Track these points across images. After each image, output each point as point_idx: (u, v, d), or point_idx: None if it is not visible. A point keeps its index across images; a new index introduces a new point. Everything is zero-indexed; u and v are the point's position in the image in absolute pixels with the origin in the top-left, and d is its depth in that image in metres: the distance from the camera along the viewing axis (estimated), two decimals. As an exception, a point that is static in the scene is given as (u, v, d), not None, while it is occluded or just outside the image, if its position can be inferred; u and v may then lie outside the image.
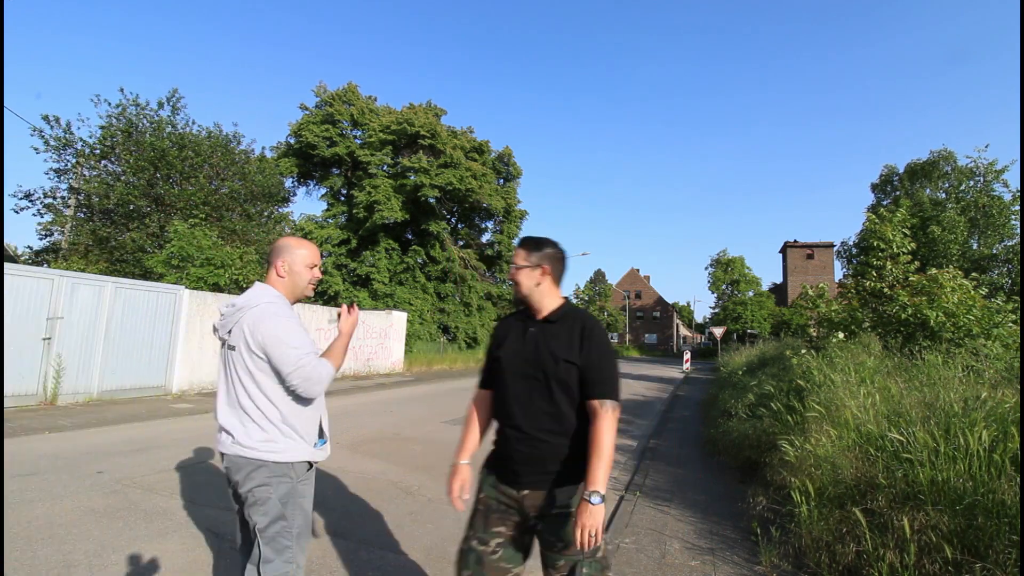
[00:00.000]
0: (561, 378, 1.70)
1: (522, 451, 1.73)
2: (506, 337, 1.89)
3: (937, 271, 7.20)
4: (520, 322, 1.88)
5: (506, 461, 1.79)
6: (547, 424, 1.71)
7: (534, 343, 1.78)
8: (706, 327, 68.05)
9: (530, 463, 1.72)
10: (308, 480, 2.00)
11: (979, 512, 2.62)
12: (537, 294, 1.83)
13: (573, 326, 1.77)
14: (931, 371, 4.98)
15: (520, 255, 1.86)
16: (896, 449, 3.34)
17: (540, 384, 1.72)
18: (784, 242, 53.53)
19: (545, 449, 1.71)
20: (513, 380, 1.78)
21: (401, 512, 4.01)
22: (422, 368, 18.76)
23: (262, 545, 1.82)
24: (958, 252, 18.75)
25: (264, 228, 15.85)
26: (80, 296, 8.22)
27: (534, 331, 1.81)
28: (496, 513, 1.78)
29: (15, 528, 3.27)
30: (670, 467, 5.99)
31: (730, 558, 3.40)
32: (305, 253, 2.03)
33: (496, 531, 1.76)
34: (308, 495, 2.00)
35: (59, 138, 13.39)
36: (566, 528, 1.65)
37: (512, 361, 1.80)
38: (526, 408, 1.74)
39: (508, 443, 1.78)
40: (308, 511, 1.99)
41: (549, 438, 1.71)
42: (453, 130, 27.38)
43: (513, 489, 1.75)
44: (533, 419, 1.72)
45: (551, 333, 1.78)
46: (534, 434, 1.71)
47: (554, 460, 1.70)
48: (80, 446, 5.47)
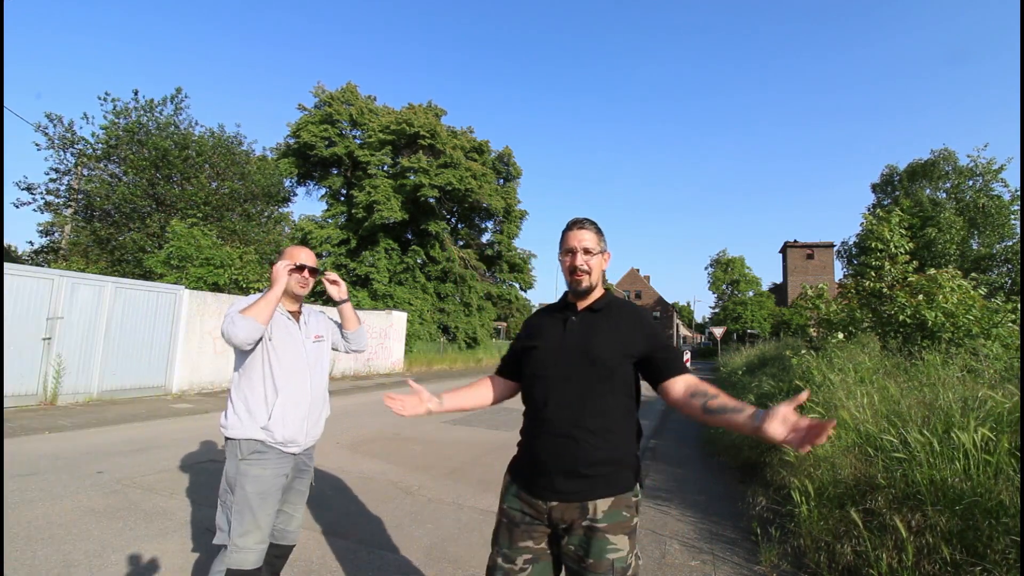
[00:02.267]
0: (611, 371, 1.55)
1: (557, 453, 1.53)
2: (541, 328, 1.71)
3: (936, 271, 7.20)
4: (556, 314, 1.72)
5: (535, 467, 1.58)
6: (588, 422, 1.53)
7: (579, 334, 1.60)
8: (706, 327, 68.04)
9: (565, 467, 1.52)
10: (258, 461, 2.01)
11: (978, 512, 2.62)
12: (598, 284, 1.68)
13: (621, 315, 1.63)
14: (930, 371, 4.98)
15: (591, 239, 1.66)
16: (895, 449, 3.34)
17: (585, 378, 1.55)
18: (784, 242, 53.52)
19: (583, 451, 1.52)
20: (552, 373, 1.59)
21: (401, 512, 4.01)
22: (422, 368, 18.76)
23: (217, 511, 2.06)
24: (956, 252, 18.76)
25: (264, 228, 15.86)
26: (80, 296, 8.22)
27: (576, 321, 1.64)
28: (521, 527, 1.59)
29: (15, 528, 3.27)
30: (670, 467, 5.99)
31: (730, 558, 3.40)
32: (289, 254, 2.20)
33: (523, 546, 1.58)
34: (260, 477, 1.99)
35: (62, 137, 13.40)
36: (594, 544, 1.48)
37: (552, 353, 1.62)
38: (566, 404, 1.55)
39: (539, 445, 1.58)
40: (257, 494, 1.97)
41: (589, 438, 1.52)
42: (453, 130, 27.39)
43: (540, 500, 1.56)
44: (573, 416, 1.53)
45: (597, 323, 1.62)
46: (572, 432, 1.52)
47: (591, 464, 1.52)
48: (80, 446, 5.47)
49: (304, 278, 2.21)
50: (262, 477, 2.00)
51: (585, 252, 1.64)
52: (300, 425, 2.11)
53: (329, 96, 25.88)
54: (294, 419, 2.09)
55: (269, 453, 2.04)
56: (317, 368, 2.24)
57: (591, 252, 1.65)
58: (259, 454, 2.02)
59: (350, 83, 26.69)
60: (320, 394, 2.25)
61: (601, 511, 1.51)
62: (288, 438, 2.06)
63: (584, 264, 1.63)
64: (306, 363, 2.18)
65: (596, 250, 1.66)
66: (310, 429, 2.18)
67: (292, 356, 2.14)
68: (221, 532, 2.03)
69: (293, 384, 2.11)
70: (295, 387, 2.12)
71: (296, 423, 2.09)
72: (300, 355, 2.18)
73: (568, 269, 1.66)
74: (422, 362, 19.18)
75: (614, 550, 1.49)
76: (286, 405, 2.07)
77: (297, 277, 2.19)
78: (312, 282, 2.26)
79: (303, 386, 2.15)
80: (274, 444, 2.04)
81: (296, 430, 2.09)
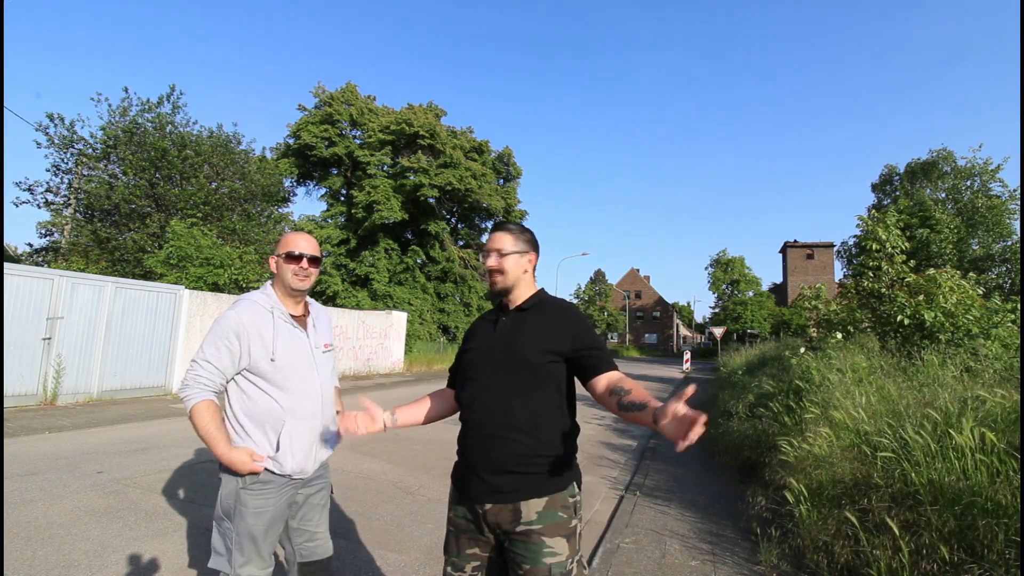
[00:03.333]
0: (536, 369, 1.54)
1: (483, 453, 1.53)
2: (476, 332, 1.74)
3: (936, 271, 7.21)
4: (492, 316, 1.73)
5: (466, 468, 1.58)
6: (514, 420, 1.51)
7: (506, 333, 1.62)
8: (706, 327, 68.07)
9: (491, 467, 1.51)
10: (260, 492, 1.76)
11: (977, 512, 2.62)
12: (521, 284, 1.67)
13: (551, 314, 1.63)
14: (929, 371, 4.99)
15: (506, 240, 1.67)
16: (894, 448, 3.35)
17: (511, 376, 1.55)
18: (784, 242, 53.56)
19: (510, 450, 1.50)
20: (480, 374, 1.60)
21: (401, 512, 4.01)
22: (422, 368, 18.76)
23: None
24: (954, 252, 18.77)
25: (264, 228, 15.85)
26: (80, 296, 8.22)
27: (506, 321, 1.65)
28: (466, 534, 1.59)
29: (15, 528, 3.27)
30: (670, 467, 6.00)
31: (730, 558, 3.40)
32: (283, 244, 1.87)
33: (470, 553, 1.58)
34: (261, 510, 1.76)
35: (63, 136, 13.40)
36: (530, 548, 1.46)
37: (481, 354, 1.64)
38: (492, 403, 1.55)
39: (469, 446, 1.58)
40: (259, 526, 1.75)
41: (515, 436, 1.50)
42: (453, 130, 27.39)
43: (475, 503, 1.54)
44: (499, 415, 1.52)
45: (524, 321, 1.63)
46: (498, 432, 1.51)
47: (519, 464, 1.50)
48: (80, 446, 5.47)
49: (302, 268, 1.84)
50: (263, 510, 1.76)
51: (499, 253, 1.65)
52: (310, 451, 1.83)
53: (329, 96, 25.88)
54: (304, 445, 1.81)
55: (273, 482, 1.78)
56: (327, 382, 1.93)
57: (504, 253, 1.65)
58: (262, 484, 1.76)
59: (350, 83, 26.70)
60: (330, 412, 1.93)
61: (535, 512, 1.48)
62: (297, 468, 1.81)
63: (497, 264, 1.64)
64: (317, 379, 1.86)
65: (510, 250, 1.65)
66: (319, 451, 1.90)
67: (302, 373, 1.83)
68: (218, 556, 1.80)
69: (303, 407, 1.82)
70: (305, 410, 1.82)
71: (305, 450, 1.82)
72: (310, 370, 1.85)
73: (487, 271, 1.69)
74: (422, 362, 19.18)
75: (551, 554, 1.46)
76: (294, 432, 1.80)
77: (294, 268, 1.83)
78: (315, 273, 1.89)
79: (314, 407, 1.84)
80: (280, 473, 1.79)
81: (304, 457, 1.82)
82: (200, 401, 1.73)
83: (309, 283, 1.87)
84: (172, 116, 14.42)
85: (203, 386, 1.75)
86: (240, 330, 1.75)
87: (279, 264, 1.86)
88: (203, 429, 1.73)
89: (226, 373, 1.77)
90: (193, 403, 1.74)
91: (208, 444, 1.74)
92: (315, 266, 1.88)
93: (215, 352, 1.74)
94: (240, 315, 1.77)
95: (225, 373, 1.77)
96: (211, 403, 1.76)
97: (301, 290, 1.87)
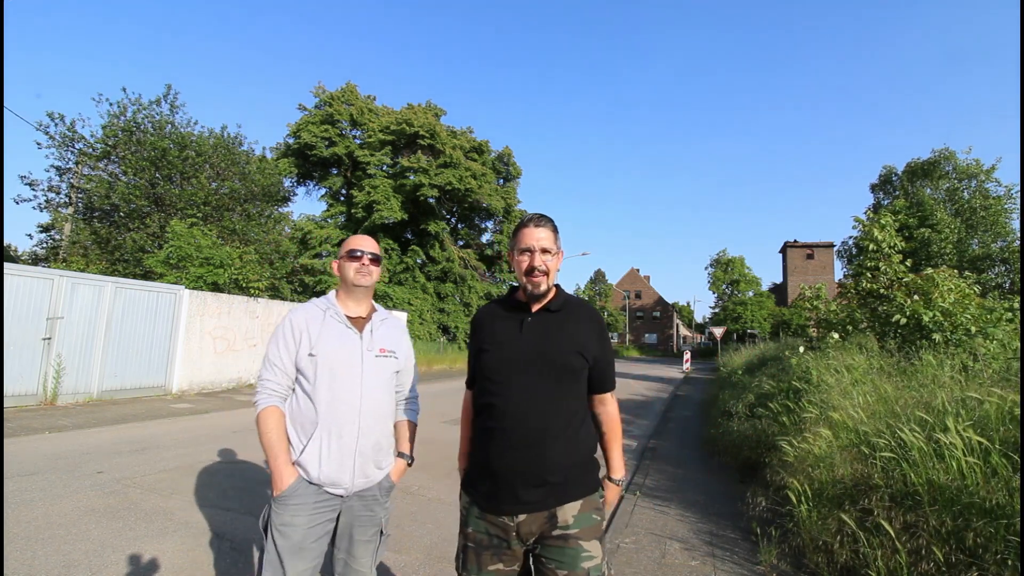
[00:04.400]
0: (570, 373, 1.50)
1: (520, 462, 1.45)
2: (494, 329, 1.60)
3: (934, 271, 7.21)
4: (509, 312, 1.62)
5: (496, 478, 1.48)
6: (551, 429, 1.46)
7: (537, 337, 1.52)
8: (706, 327, 68.07)
9: (529, 477, 1.44)
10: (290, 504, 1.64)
11: (975, 513, 2.62)
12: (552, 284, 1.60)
13: (580, 317, 1.57)
14: (927, 371, 4.99)
15: (550, 238, 1.56)
16: (892, 449, 3.35)
17: (547, 383, 1.48)
18: (784, 242, 53.55)
19: (548, 457, 1.45)
20: (508, 379, 1.50)
21: (401, 512, 4.01)
22: (422, 368, 18.76)
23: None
24: (953, 252, 18.79)
25: (264, 228, 15.85)
26: (80, 296, 8.22)
27: (532, 322, 1.55)
28: (489, 550, 1.50)
29: (15, 528, 3.27)
30: (670, 467, 6.00)
31: (730, 558, 3.40)
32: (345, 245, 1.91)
33: (493, 569, 1.50)
34: (289, 527, 1.63)
35: (63, 135, 13.40)
36: (568, 553, 1.43)
37: (507, 357, 1.53)
38: (528, 412, 1.46)
39: (500, 457, 1.47)
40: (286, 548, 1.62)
41: (554, 445, 1.45)
42: (453, 130, 27.39)
43: (505, 517, 1.47)
44: (536, 424, 1.45)
45: (556, 324, 1.55)
46: (537, 441, 1.45)
47: (556, 470, 1.45)
48: (80, 446, 5.47)
49: (363, 265, 1.84)
50: (292, 527, 1.63)
51: (543, 252, 1.53)
52: (343, 461, 1.69)
53: (329, 96, 25.89)
54: (336, 454, 1.68)
55: (305, 495, 1.66)
56: (376, 390, 1.79)
57: (549, 252, 1.54)
58: (290, 496, 1.65)
59: (350, 83, 26.72)
60: (376, 424, 1.78)
61: (571, 516, 1.46)
62: (327, 479, 1.67)
63: (543, 265, 1.52)
64: (360, 384, 1.75)
65: (554, 250, 1.56)
66: (363, 467, 1.73)
67: (343, 374, 1.73)
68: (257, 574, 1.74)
69: (338, 410, 1.70)
70: (341, 414, 1.70)
71: (337, 459, 1.68)
72: (354, 373, 1.75)
73: (525, 270, 1.54)
74: (422, 362, 19.18)
75: (588, 557, 1.44)
76: (325, 437, 1.68)
77: (355, 265, 1.83)
78: (375, 271, 1.89)
79: (350, 413, 1.71)
80: (309, 481, 1.68)
81: (338, 468, 1.68)
82: (264, 408, 1.72)
83: (370, 280, 1.87)
84: (171, 116, 14.43)
85: (270, 392, 1.74)
86: (294, 327, 1.77)
87: (342, 265, 1.87)
88: (263, 437, 1.70)
89: (290, 373, 1.76)
90: (258, 410, 1.73)
91: (266, 452, 1.70)
92: (376, 264, 1.89)
93: (276, 352, 1.76)
94: (294, 314, 1.81)
95: (289, 373, 1.76)
96: (274, 410, 1.72)
97: (362, 285, 1.86)
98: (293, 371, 1.76)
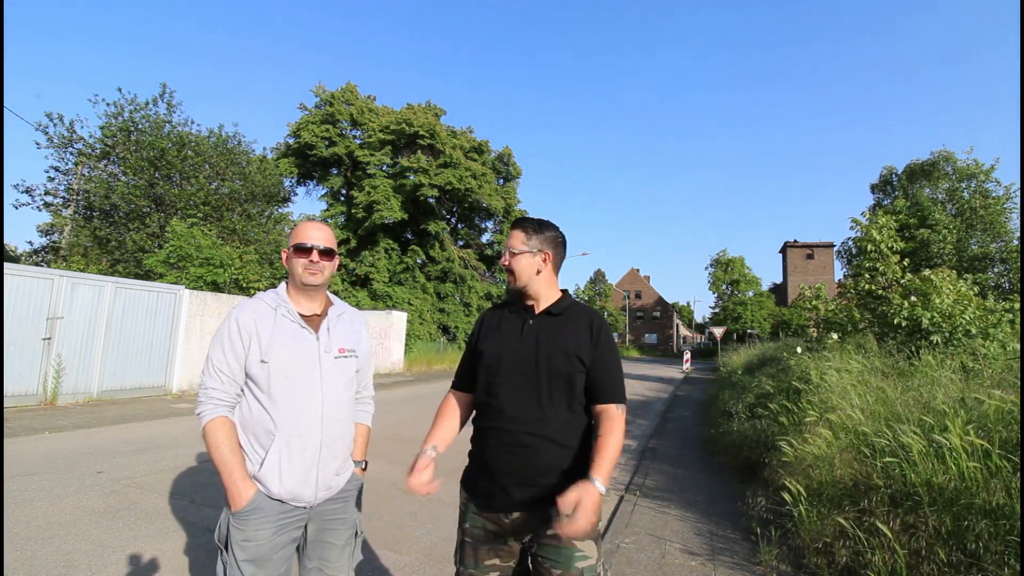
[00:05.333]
0: (566, 378, 1.51)
1: (513, 462, 1.49)
2: (497, 330, 1.64)
3: (932, 271, 7.22)
4: (513, 314, 1.65)
5: (492, 477, 1.52)
6: (545, 430, 1.48)
7: (535, 338, 1.56)
8: (706, 327, 68.08)
9: (522, 477, 1.48)
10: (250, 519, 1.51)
11: (975, 513, 2.62)
12: (536, 284, 1.61)
13: (580, 321, 1.59)
14: (926, 371, 4.99)
15: (517, 238, 1.62)
16: (893, 449, 3.35)
17: (541, 384, 1.51)
18: (784, 242, 53.58)
19: (541, 459, 1.48)
20: (508, 379, 1.54)
21: (401, 512, 4.01)
22: (422, 368, 18.76)
23: None
24: (952, 252, 18.79)
25: (264, 228, 15.85)
26: (80, 296, 8.22)
27: (533, 324, 1.59)
28: (486, 545, 1.54)
29: (15, 528, 3.27)
30: (670, 467, 6.00)
31: (730, 558, 3.41)
32: (293, 235, 1.68)
33: (490, 564, 1.53)
34: (251, 542, 1.50)
35: (62, 136, 13.40)
36: (562, 552, 1.46)
37: (507, 358, 1.56)
38: (522, 411, 1.50)
39: (495, 454, 1.52)
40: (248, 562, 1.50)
41: (548, 446, 1.48)
42: (453, 130, 27.40)
43: (500, 514, 1.50)
44: (532, 425, 1.49)
45: (555, 327, 1.57)
46: (529, 442, 1.48)
47: (550, 472, 1.47)
48: (80, 446, 5.47)
49: (312, 262, 1.63)
50: (254, 542, 1.51)
51: (510, 252, 1.62)
52: (307, 475, 1.56)
53: (330, 96, 25.89)
54: (298, 467, 1.55)
55: (263, 511, 1.52)
56: (337, 394, 1.65)
57: (514, 252, 1.61)
58: (250, 512, 1.51)
59: (350, 83, 26.71)
60: (339, 430, 1.66)
61: (565, 516, 1.45)
62: (289, 494, 1.54)
63: (507, 263, 1.62)
64: (320, 389, 1.60)
65: (519, 249, 1.61)
66: (326, 478, 1.61)
67: (300, 380, 1.58)
68: None
69: (297, 420, 1.56)
70: (300, 424, 1.56)
71: (300, 473, 1.55)
72: (312, 378, 1.60)
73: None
74: (422, 362, 19.18)
75: (583, 557, 1.45)
76: (284, 450, 1.54)
77: (303, 261, 1.63)
78: (328, 266, 1.69)
79: (311, 422, 1.58)
80: (271, 498, 1.54)
81: (300, 482, 1.55)
82: (211, 420, 1.53)
83: (321, 278, 1.66)
84: (169, 116, 14.42)
85: (216, 401, 1.56)
86: (240, 328, 1.58)
87: (289, 257, 1.66)
88: (213, 452, 1.52)
89: (238, 379, 1.59)
90: (204, 422, 1.54)
91: (218, 469, 1.52)
92: (328, 258, 1.67)
93: (220, 356, 1.57)
94: (240, 313, 1.60)
95: (237, 379, 1.59)
96: (224, 421, 1.55)
97: (312, 285, 1.66)
98: (242, 377, 1.58)
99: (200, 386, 1.60)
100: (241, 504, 1.51)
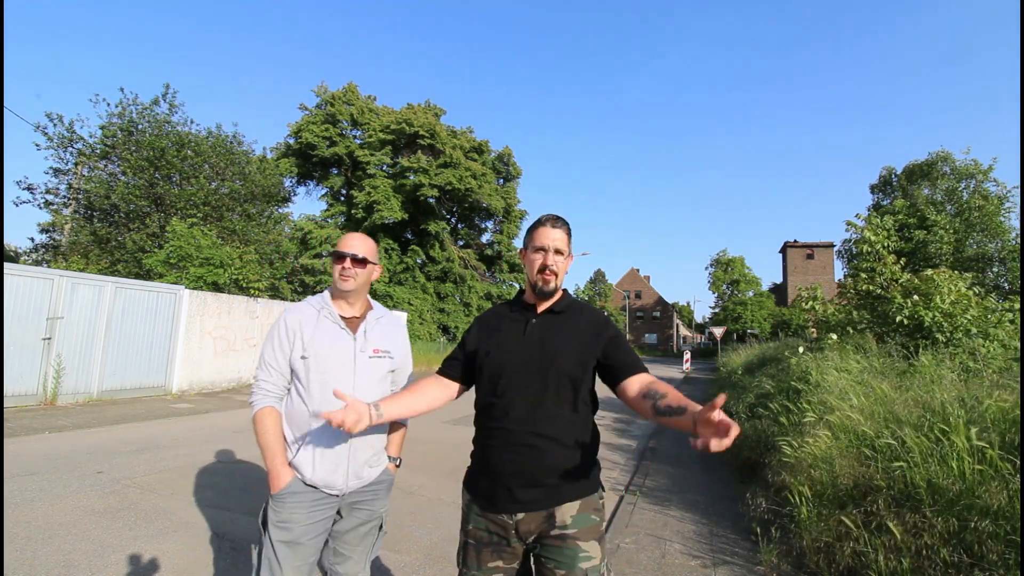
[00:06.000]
0: (575, 379, 1.51)
1: (517, 462, 1.48)
2: (499, 329, 1.64)
3: (932, 271, 7.22)
4: (514, 313, 1.66)
5: (495, 477, 1.51)
6: (549, 430, 1.48)
7: (540, 339, 1.56)
8: (706, 327, 68.07)
9: (526, 477, 1.47)
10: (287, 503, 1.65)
11: (975, 514, 2.62)
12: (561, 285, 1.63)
13: (580, 320, 1.61)
14: (926, 371, 4.99)
15: (564, 239, 1.60)
16: (894, 450, 3.35)
17: (549, 386, 1.50)
18: (784, 242, 53.58)
19: (545, 459, 1.47)
20: (512, 379, 1.53)
21: (401, 512, 4.01)
22: (422, 368, 18.76)
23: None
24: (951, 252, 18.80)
25: (264, 228, 15.85)
26: (80, 296, 8.22)
27: (537, 323, 1.59)
28: (488, 547, 1.53)
29: (15, 528, 3.27)
30: (670, 467, 6.00)
31: (730, 558, 3.40)
32: (337, 244, 1.84)
33: (493, 566, 1.53)
34: (287, 524, 1.64)
35: (62, 136, 13.39)
36: (565, 553, 1.45)
37: (512, 358, 1.56)
38: (528, 413, 1.49)
39: (497, 455, 1.51)
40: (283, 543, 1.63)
41: (552, 446, 1.47)
42: (453, 130, 27.42)
43: (504, 515, 1.49)
44: (535, 425, 1.48)
45: (558, 326, 1.58)
46: (533, 441, 1.47)
47: (554, 472, 1.47)
48: (80, 446, 5.47)
49: (345, 268, 1.77)
50: (290, 523, 1.64)
51: (556, 252, 1.58)
52: (337, 463, 1.70)
53: (331, 96, 25.93)
54: (330, 456, 1.69)
55: (303, 493, 1.67)
56: (369, 392, 1.76)
57: (562, 253, 1.59)
58: (292, 494, 1.66)
59: (351, 83, 26.77)
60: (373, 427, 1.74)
61: (569, 516, 1.47)
62: (321, 481, 1.68)
63: (554, 264, 1.57)
64: (352, 386, 1.72)
65: (566, 252, 1.61)
66: (357, 470, 1.74)
67: (335, 376, 1.71)
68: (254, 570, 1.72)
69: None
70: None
71: (331, 462, 1.69)
72: (346, 375, 1.73)
73: (537, 268, 1.59)
74: (422, 362, 19.16)
75: (587, 558, 1.45)
76: (319, 439, 1.68)
77: (338, 268, 1.78)
78: (362, 274, 1.80)
79: None
80: (307, 483, 1.69)
81: (332, 471, 1.69)
82: (260, 409, 1.72)
83: (353, 284, 1.79)
84: (170, 115, 14.42)
85: (266, 392, 1.74)
86: (287, 327, 1.75)
87: (331, 265, 1.84)
88: (260, 438, 1.70)
89: (285, 373, 1.76)
90: (254, 411, 1.73)
91: (262, 453, 1.70)
92: (360, 266, 1.79)
93: (271, 352, 1.75)
94: (288, 314, 1.79)
95: (284, 373, 1.76)
96: (271, 411, 1.72)
97: (345, 290, 1.79)
98: (288, 371, 1.76)
99: (254, 379, 1.79)
100: (279, 487, 1.66)
